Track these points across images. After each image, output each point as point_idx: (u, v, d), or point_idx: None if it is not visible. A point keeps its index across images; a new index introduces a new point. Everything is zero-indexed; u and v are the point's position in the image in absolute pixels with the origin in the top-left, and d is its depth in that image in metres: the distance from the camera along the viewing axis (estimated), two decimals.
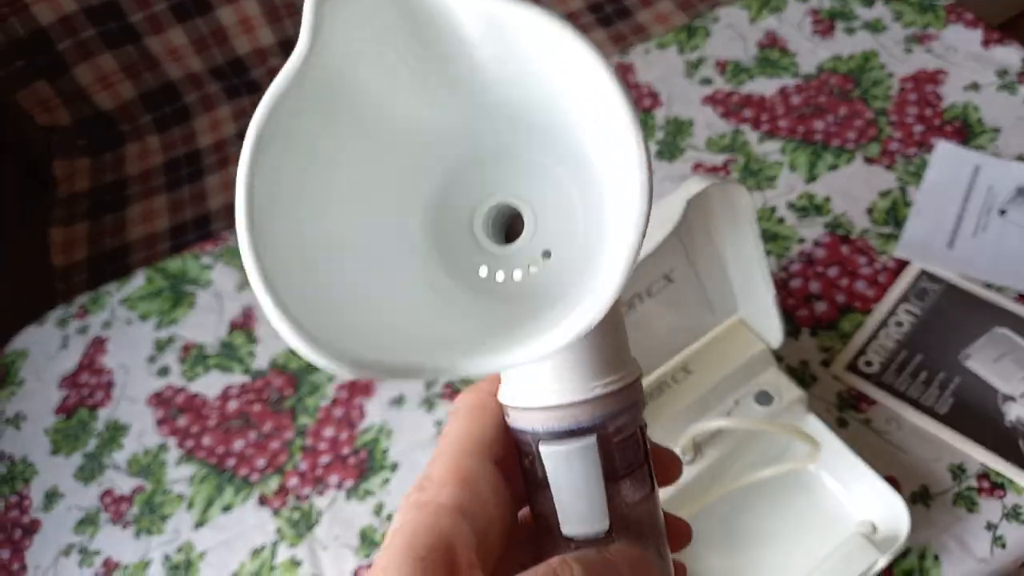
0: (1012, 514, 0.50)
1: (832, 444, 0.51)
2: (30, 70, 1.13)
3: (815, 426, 0.51)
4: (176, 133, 1.18)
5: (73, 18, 1.11)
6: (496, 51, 0.21)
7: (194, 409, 0.66)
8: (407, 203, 0.24)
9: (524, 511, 0.23)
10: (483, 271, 0.23)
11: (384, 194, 0.23)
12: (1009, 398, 0.53)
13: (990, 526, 0.50)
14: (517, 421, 0.22)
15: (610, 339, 0.22)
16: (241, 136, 1.01)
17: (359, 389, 0.64)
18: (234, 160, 1.12)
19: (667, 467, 0.24)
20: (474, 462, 0.22)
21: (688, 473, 0.49)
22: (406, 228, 0.24)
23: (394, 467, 0.60)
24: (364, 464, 0.61)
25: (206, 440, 0.64)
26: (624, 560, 0.21)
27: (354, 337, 0.19)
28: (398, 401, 0.63)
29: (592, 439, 0.21)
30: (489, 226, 0.24)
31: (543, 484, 0.22)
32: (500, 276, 0.23)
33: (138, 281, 0.75)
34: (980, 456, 0.52)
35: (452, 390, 0.63)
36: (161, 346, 0.70)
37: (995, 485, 0.51)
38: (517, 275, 0.23)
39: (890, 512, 0.48)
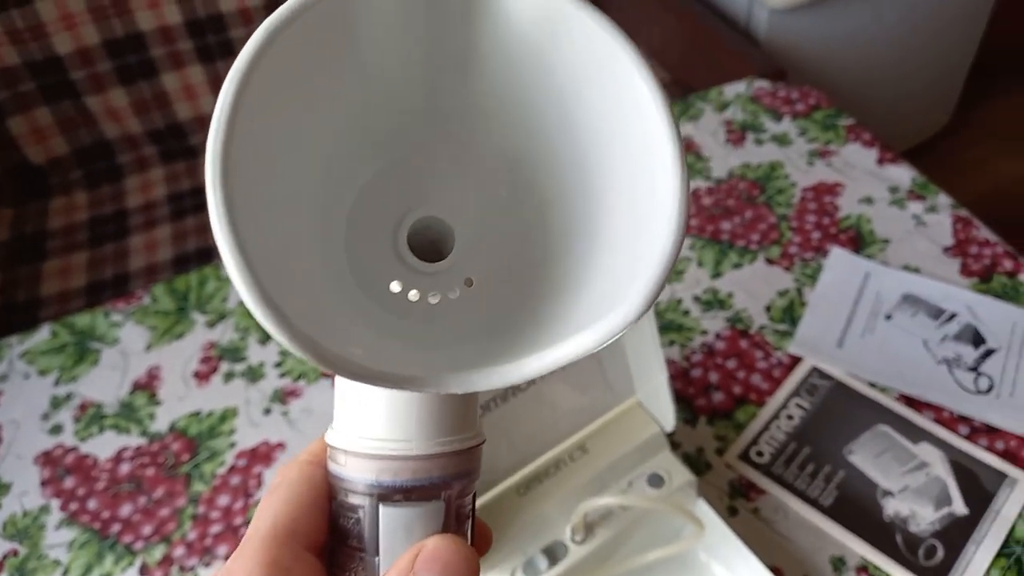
0: None
1: (720, 531, 0.52)
2: None
3: (704, 510, 0.52)
4: (105, 191, 1.17)
5: (14, 70, 1.11)
6: (537, 43, 0.19)
7: (83, 470, 0.63)
8: (347, 181, 0.22)
9: None
10: (396, 286, 0.21)
11: (334, 163, 0.21)
12: (888, 493, 0.56)
13: None
14: (349, 469, 0.20)
15: (472, 394, 0.21)
16: (172, 199, 1.00)
17: (259, 457, 0.63)
18: (161, 222, 1.12)
19: (481, 539, 0.23)
20: (287, 553, 0.19)
21: (577, 553, 0.49)
22: (336, 206, 0.21)
23: None
24: None
25: (91, 504, 0.62)
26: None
27: (283, 295, 0.17)
28: None
29: (441, 503, 0.19)
30: (412, 238, 0.22)
31: (363, 547, 0.19)
32: (414, 295, 0.21)
33: (42, 335, 0.73)
34: (860, 549, 0.54)
35: None
36: (57, 403, 0.68)
37: None
38: (433, 299, 0.21)
39: None
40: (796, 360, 0.64)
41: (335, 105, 0.20)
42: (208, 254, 1.06)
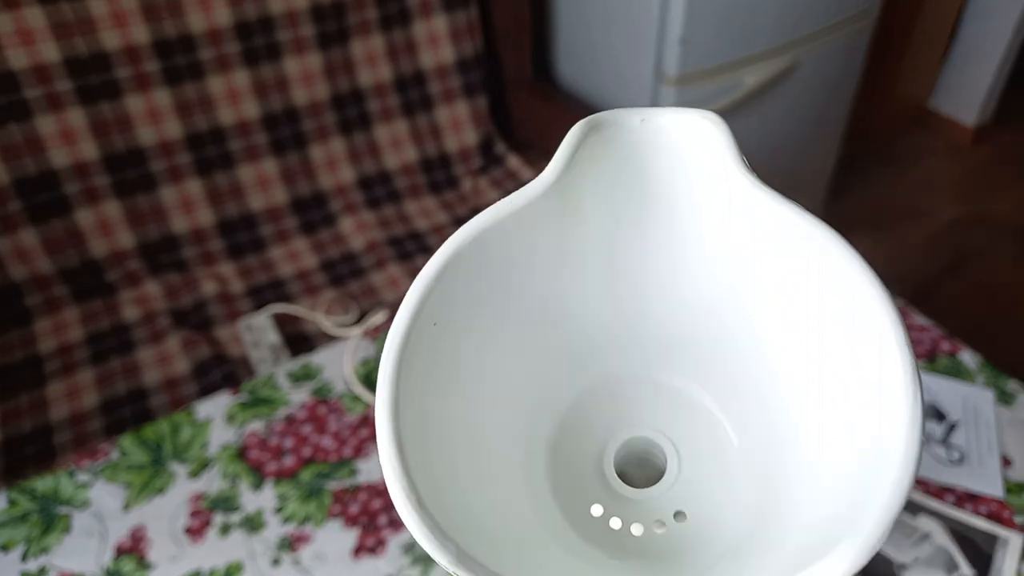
0: None
1: None
2: None
3: None
4: (97, 306, 1.12)
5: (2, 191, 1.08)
6: (741, 239, 0.19)
7: None
8: (547, 407, 0.20)
9: None
10: (597, 510, 0.19)
11: (521, 392, 0.20)
12: (903, 566, 0.55)
13: None
14: None
15: None
16: (173, 312, 0.93)
17: None
18: (167, 334, 1.06)
19: None
20: None
21: None
22: (537, 432, 0.20)
23: None
24: None
25: None
26: None
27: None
28: None
29: None
30: (623, 462, 0.20)
31: None
32: (616, 523, 0.19)
33: None
34: None
35: None
36: None
37: None
38: (636, 529, 0.19)
39: None
40: None
41: (521, 336, 0.20)
42: (220, 360, 1.00)
